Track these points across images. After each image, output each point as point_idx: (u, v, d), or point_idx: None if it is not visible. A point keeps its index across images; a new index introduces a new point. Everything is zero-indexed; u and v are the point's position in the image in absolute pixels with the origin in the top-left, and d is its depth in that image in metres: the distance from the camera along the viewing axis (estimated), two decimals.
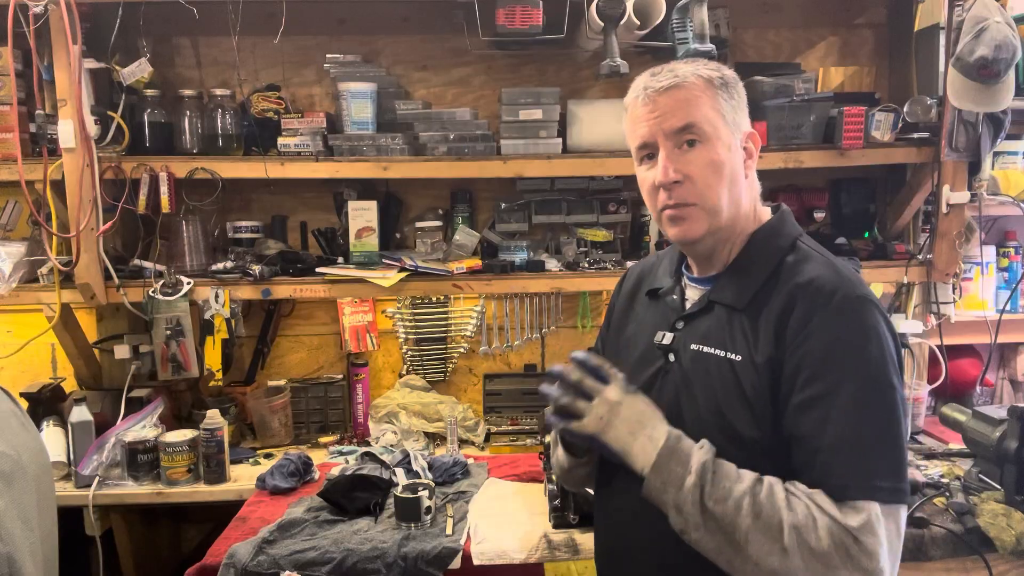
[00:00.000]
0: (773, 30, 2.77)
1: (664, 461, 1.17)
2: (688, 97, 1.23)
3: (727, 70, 1.28)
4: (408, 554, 1.83)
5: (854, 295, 1.18)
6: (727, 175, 1.24)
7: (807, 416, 1.15)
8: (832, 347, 1.15)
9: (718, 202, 1.24)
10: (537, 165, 2.45)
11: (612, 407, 1.21)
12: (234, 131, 2.47)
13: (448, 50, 2.67)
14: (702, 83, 1.24)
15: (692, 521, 1.14)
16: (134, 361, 2.55)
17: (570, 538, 1.91)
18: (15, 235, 2.53)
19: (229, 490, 2.29)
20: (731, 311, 1.25)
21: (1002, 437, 2.00)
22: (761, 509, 1.11)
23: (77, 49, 2.22)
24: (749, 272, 1.27)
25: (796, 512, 1.11)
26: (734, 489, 1.13)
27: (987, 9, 2.21)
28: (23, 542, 1.08)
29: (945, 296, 2.64)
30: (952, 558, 1.89)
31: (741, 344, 1.22)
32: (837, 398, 1.13)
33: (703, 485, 1.14)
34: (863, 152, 2.46)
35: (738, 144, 1.26)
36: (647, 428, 1.20)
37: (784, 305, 1.20)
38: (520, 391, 2.79)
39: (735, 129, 1.26)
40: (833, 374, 1.14)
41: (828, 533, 1.09)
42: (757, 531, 1.11)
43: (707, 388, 1.24)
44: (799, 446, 1.16)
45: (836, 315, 1.16)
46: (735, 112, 1.26)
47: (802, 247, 1.27)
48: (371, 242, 2.51)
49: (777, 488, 1.14)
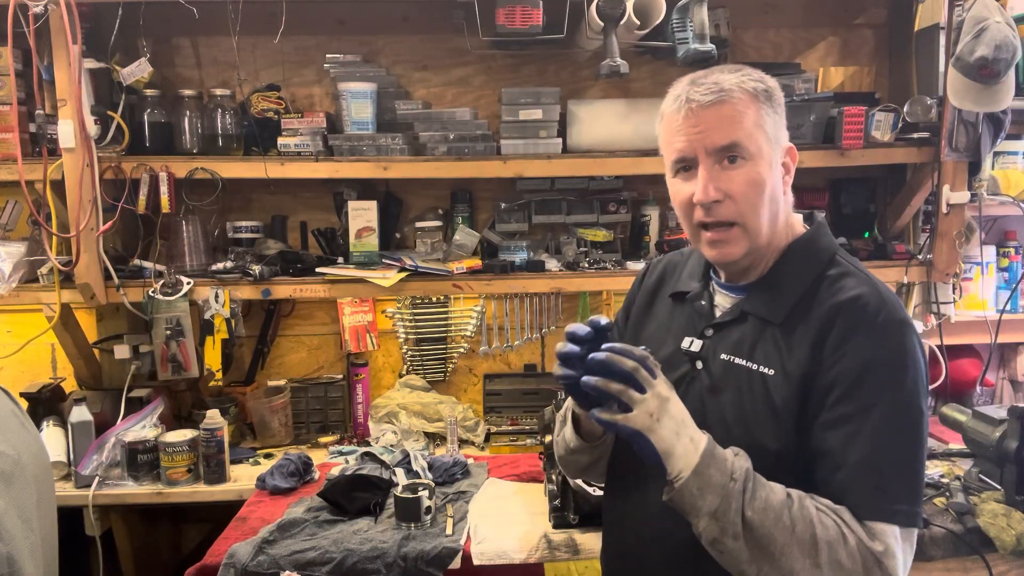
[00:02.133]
0: (773, 30, 2.77)
1: (704, 466, 1.11)
2: (732, 114, 1.18)
3: (771, 80, 1.23)
4: (408, 554, 1.83)
5: (897, 318, 1.16)
6: (768, 194, 1.20)
7: (835, 433, 1.14)
8: (868, 368, 1.14)
9: (758, 221, 1.20)
10: (537, 165, 2.45)
11: (662, 404, 1.12)
12: (234, 131, 2.47)
13: (448, 50, 2.67)
14: (747, 97, 1.19)
15: (732, 529, 1.10)
16: (134, 361, 2.55)
17: (570, 538, 1.91)
18: (15, 235, 2.53)
19: (229, 490, 2.29)
20: (764, 323, 1.23)
21: (1002, 437, 2.00)
22: (796, 523, 1.10)
23: (77, 49, 2.22)
24: (785, 286, 1.24)
25: (828, 528, 1.10)
26: (772, 500, 1.11)
27: (987, 9, 2.21)
28: (23, 542, 1.08)
29: (945, 296, 2.64)
30: (952, 558, 1.89)
31: (774, 358, 1.20)
32: (867, 420, 1.12)
33: (745, 492, 1.10)
34: (863, 152, 2.46)
35: (779, 160, 1.22)
36: (689, 429, 1.14)
37: (824, 322, 1.18)
38: (520, 391, 2.79)
39: (776, 145, 1.22)
40: (866, 395, 1.13)
41: (858, 552, 1.09)
42: (794, 544, 1.10)
43: (736, 399, 1.22)
44: (823, 462, 1.15)
45: (877, 337, 1.15)
46: (777, 127, 1.22)
47: (841, 262, 1.25)
48: (371, 242, 2.51)
49: (808, 502, 1.13)
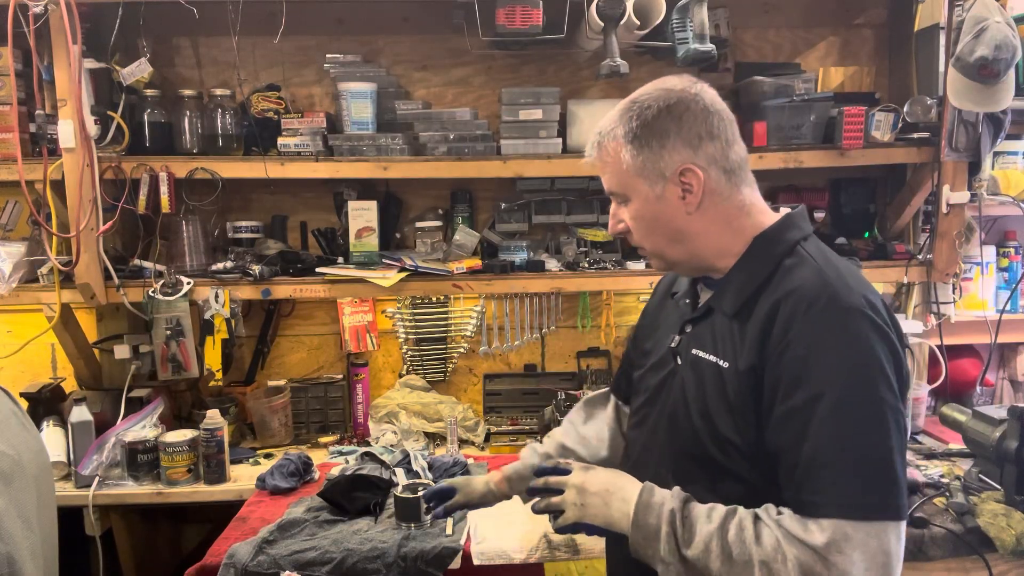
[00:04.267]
0: (773, 30, 2.77)
1: (641, 517, 1.19)
2: (605, 162, 1.28)
3: (648, 109, 1.23)
4: (408, 554, 1.83)
5: (842, 305, 1.12)
6: (662, 225, 1.26)
7: (785, 429, 1.12)
8: (810, 357, 1.11)
9: (660, 249, 1.29)
10: (537, 165, 2.45)
11: (579, 490, 1.28)
12: (234, 131, 2.47)
13: (448, 50, 2.67)
14: (616, 144, 1.25)
15: (675, 569, 1.15)
16: (134, 361, 2.55)
17: (570, 538, 1.91)
18: (15, 235, 2.53)
19: (229, 490, 2.29)
20: (726, 317, 1.24)
21: (1002, 437, 2.00)
22: (731, 549, 1.11)
23: (77, 49, 2.22)
24: (742, 278, 1.24)
25: (764, 546, 1.09)
26: (703, 531, 1.13)
27: (987, 9, 2.21)
28: (23, 542, 1.08)
29: (945, 296, 2.64)
30: (952, 558, 1.89)
31: (729, 350, 1.21)
32: (815, 411, 1.09)
33: (675, 533, 1.15)
34: (863, 152, 2.46)
35: (667, 191, 1.23)
36: (616, 492, 1.25)
37: (768, 313, 1.17)
38: (520, 391, 2.79)
39: (656, 179, 1.23)
40: (812, 386, 1.10)
41: (796, 564, 1.07)
42: (729, 572, 1.11)
43: (699, 393, 1.24)
44: (780, 460, 1.14)
45: (816, 324, 1.12)
46: (656, 158, 1.23)
47: (801, 251, 1.22)
48: (371, 242, 2.51)
49: (747, 522, 1.12)
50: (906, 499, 1.10)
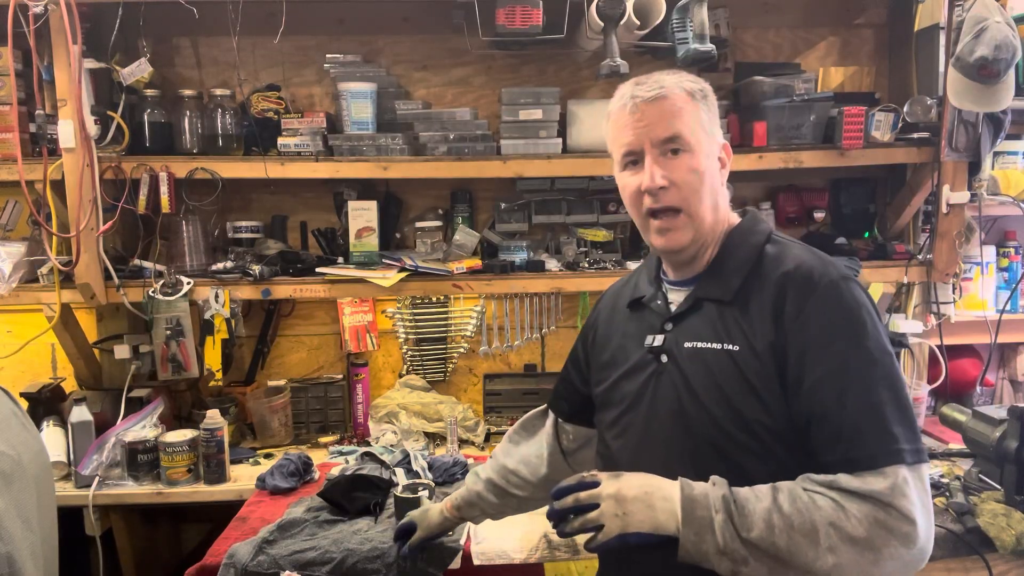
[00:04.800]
0: (773, 30, 2.77)
1: (689, 512, 1.16)
2: (674, 109, 1.29)
3: (705, 83, 1.35)
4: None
5: (837, 276, 1.24)
6: (708, 183, 1.30)
7: (823, 394, 1.18)
8: (830, 326, 1.20)
9: (700, 207, 1.30)
10: (537, 165, 2.45)
11: (617, 500, 1.20)
12: (234, 131, 2.47)
13: (448, 50, 2.67)
14: (686, 96, 1.30)
15: (739, 557, 1.13)
16: (134, 361, 2.55)
17: (570, 538, 1.91)
18: (15, 235, 2.53)
19: (229, 490, 2.28)
20: (720, 305, 1.29)
21: (1002, 437, 2.00)
22: (792, 520, 1.12)
23: (77, 49, 2.22)
24: (730, 267, 1.32)
25: (824, 509, 1.12)
26: (758, 509, 1.14)
27: (987, 9, 2.21)
28: (23, 542, 1.08)
29: (945, 296, 2.64)
30: (952, 558, 1.89)
31: (737, 334, 1.26)
32: (847, 372, 1.17)
33: (731, 519, 1.14)
34: (863, 152, 2.46)
35: (715, 154, 1.33)
36: (656, 492, 1.20)
37: (776, 293, 1.24)
38: (520, 391, 2.79)
39: (712, 140, 1.33)
40: (838, 351, 1.18)
41: (862, 516, 1.11)
42: (796, 543, 1.12)
43: (710, 382, 1.25)
44: (821, 425, 1.18)
45: (829, 297, 1.22)
46: (712, 124, 1.33)
47: (777, 240, 1.34)
48: (371, 242, 2.51)
49: (798, 491, 1.15)
50: None
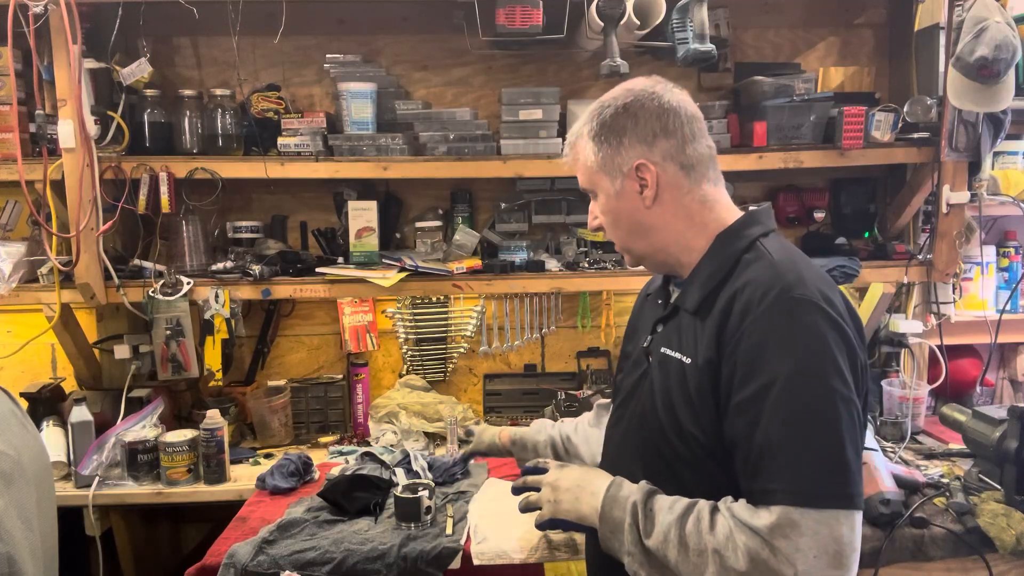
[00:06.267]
0: (773, 30, 2.77)
1: (607, 511, 1.23)
2: (576, 159, 1.36)
3: (611, 106, 1.30)
4: (408, 554, 1.83)
5: (788, 295, 1.14)
6: (625, 218, 1.32)
7: (739, 420, 1.14)
8: (760, 348, 1.13)
9: (625, 243, 1.36)
10: (537, 165, 2.45)
11: (553, 488, 1.34)
12: (234, 131, 2.47)
13: (448, 50, 2.67)
14: (582, 143, 1.34)
15: (638, 560, 1.18)
16: (134, 361, 2.55)
17: (570, 538, 1.91)
18: (15, 235, 2.53)
19: (229, 490, 2.29)
20: (688, 314, 1.27)
21: (1002, 437, 2.00)
22: (687, 539, 1.13)
23: (77, 49, 2.22)
24: (702, 277, 1.27)
25: (718, 535, 1.11)
26: (663, 522, 1.16)
27: (987, 9, 2.21)
28: (23, 542, 1.07)
29: (945, 296, 2.64)
30: (952, 558, 1.89)
31: (691, 346, 1.24)
32: (765, 401, 1.11)
33: (637, 524, 1.18)
34: (863, 152, 2.46)
35: (623, 185, 1.30)
36: (587, 487, 1.29)
37: (724, 308, 1.19)
38: (520, 391, 2.79)
39: (615, 175, 1.31)
40: (762, 376, 1.12)
41: (745, 551, 1.08)
42: (685, 561, 1.13)
43: (664, 389, 1.27)
44: (736, 450, 1.16)
45: (765, 316, 1.13)
46: (615, 154, 1.30)
47: (760, 247, 1.24)
48: (371, 242, 2.51)
49: (704, 513, 1.15)
50: (861, 489, 1.11)
